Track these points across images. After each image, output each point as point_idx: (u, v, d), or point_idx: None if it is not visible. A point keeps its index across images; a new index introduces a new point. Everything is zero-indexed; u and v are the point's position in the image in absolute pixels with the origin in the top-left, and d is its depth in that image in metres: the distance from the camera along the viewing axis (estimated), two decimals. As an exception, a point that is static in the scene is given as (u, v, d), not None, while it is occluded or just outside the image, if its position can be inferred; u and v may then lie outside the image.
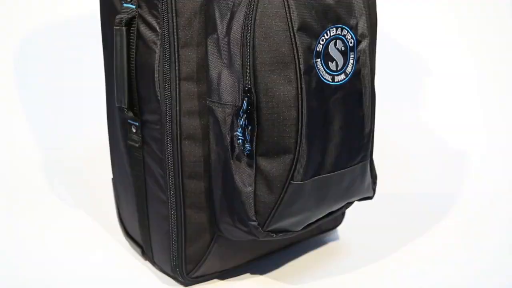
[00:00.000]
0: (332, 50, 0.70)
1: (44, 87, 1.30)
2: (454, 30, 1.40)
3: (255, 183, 0.70)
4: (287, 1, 0.66)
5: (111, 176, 0.89)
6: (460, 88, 1.37)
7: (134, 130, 0.77)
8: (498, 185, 1.11)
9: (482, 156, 1.22)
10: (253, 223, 0.71)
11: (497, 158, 1.21)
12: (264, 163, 0.70)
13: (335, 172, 0.73)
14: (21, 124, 1.25)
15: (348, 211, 0.92)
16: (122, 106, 0.75)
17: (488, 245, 0.92)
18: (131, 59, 0.74)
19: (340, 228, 0.94)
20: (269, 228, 0.72)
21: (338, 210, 0.80)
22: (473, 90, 1.36)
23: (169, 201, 0.75)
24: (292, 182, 0.70)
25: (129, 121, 0.78)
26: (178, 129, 0.73)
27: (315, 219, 0.77)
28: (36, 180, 1.11)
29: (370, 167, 0.81)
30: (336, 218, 0.90)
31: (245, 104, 0.67)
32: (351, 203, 0.82)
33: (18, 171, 1.14)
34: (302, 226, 0.76)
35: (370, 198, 0.83)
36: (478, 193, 1.08)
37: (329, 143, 0.72)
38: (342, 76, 0.72)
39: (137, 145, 0.77)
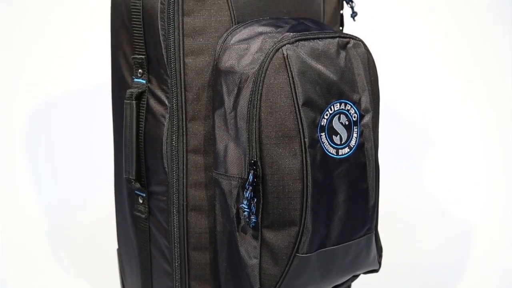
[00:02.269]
0: (336, 124, 0.72)
1: (52, 156, 1.32)
2: (456, 94, 1.42)
3: (260, 255, 0.70)
4: (292, 78, 0.68)
5: (116, 246, 0.89)
6: (465, 157, 1.38)
7: (140, 201, 0.78)
8: (502, 255, 1.10)
9: (487, 225, 1.22)
10: (258, 296, 0.70)
11: (502, 226, 1.21)
12: (270, 235, 0.70)
13: (340, 245, 0.73)
14: (27, 190, 1.26)
15: (354, 284, 0.91)
16: (130, 177, 0.77)
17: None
18: (140, 131, 0.76)
19: (346, 301, 0.93)
20: (274, 302, 0.71)
21: (343, 283, 0.79)
22: (477, 158, 1.37)
23: (174, 272, 0.75)
24: (298, 254, 0.70)
25: (136, 192, 0.78)
26: (185, 200, 0.73)
27: (320, 292, 0.76)
28: (40, 249, 1.11)
29: (376, 239, 0.80)
30: (341, 291, 0.89)
31: (251, 177, 0.68)
32: (357, 276, 0.82)
33: (23, 238, 1.14)
34: (308, 300, 0.75)
35: (376, 271, 0.82)
36: (483, 264, 1.07)
37: (334, 215, 0.73)
38: (346, 150, 0.73)
39: (143, 215, 0.78)
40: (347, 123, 0.73)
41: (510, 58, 1.42)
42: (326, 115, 0.71)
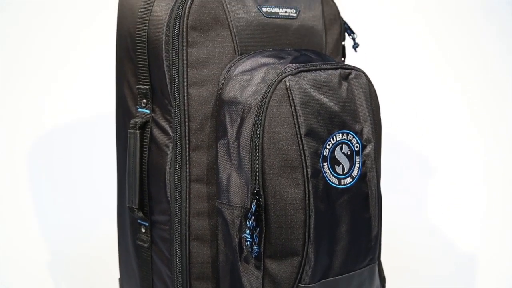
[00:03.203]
0: (339, 154, 0.72)
1: (54, 185, 1.32)
2: (459, 124, 1.42)
3: (262, 285, 0.70)
4: (295, 108, 0.69)
5: (118, 275, 0.89)
6: (466, 185, 1.37)
7: (143, 230, 0.78)
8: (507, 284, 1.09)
9: (491, 255, 1.21)
10: (260, 327, 0.70)
11: (507, 258, 1.20)
12: (272, 265, 0.70)
13: (343, 275, 0.73)
14: (29, 219, 1.26)
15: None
16: (133, 206, 0.77)
17: None
18: (144, 161, 0.76)
19: (349, 332, 0.92)
20: (277, 333, 0.71)
21: (346, 314, 0.79)
22: (478, 187, 1.37)
23: (176, 303, 0.75)
24: (300, 285, 0.70)
25: (138, 221, 0.79)
26: (187, 230, 0.73)
27: (323, 324, 0.75)
28: (42, 278, 1.10)
29: (378, 269, 0.80)
30: (344, 321, 0.88)
31: (253, 206, 0.68)
32: (359, 306, 0.81)
33: (24, 267, 1.13)
34: (310, 331, 0.74)
35: (379, 301, 0.81)
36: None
37: (337, 245, 0.72)
38: (349, 180, 0.73)
39: (145, 245, 0.78)
40: (349, 153, 0.74)
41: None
42: (329, 145, 0.71)
